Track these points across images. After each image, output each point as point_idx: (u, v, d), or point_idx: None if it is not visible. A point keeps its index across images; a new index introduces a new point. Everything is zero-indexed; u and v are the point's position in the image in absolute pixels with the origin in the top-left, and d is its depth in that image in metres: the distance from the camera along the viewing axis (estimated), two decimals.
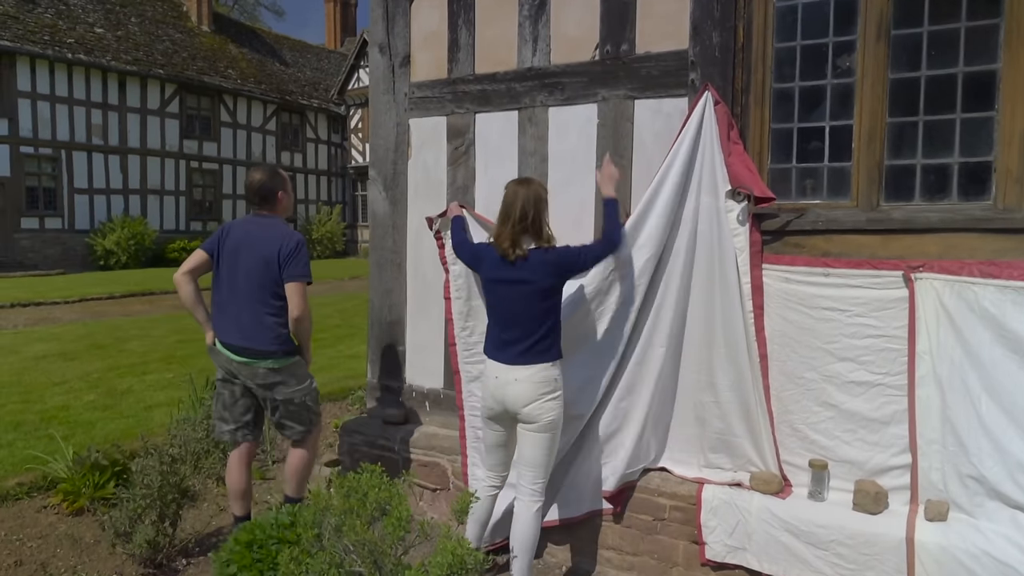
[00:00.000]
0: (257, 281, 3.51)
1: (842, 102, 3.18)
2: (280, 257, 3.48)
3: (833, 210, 3.19)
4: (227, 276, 3.57)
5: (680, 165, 3.31)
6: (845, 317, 3.11)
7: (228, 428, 3.69)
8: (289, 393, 3.62)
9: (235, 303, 3.54)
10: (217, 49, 27.34)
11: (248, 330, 3.51)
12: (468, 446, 3.89)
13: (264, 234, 3.56)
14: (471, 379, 3.84)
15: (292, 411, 3.66)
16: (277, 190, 3.67)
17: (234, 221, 3.78)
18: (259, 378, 3.56)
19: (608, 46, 3.60)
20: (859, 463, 3.15)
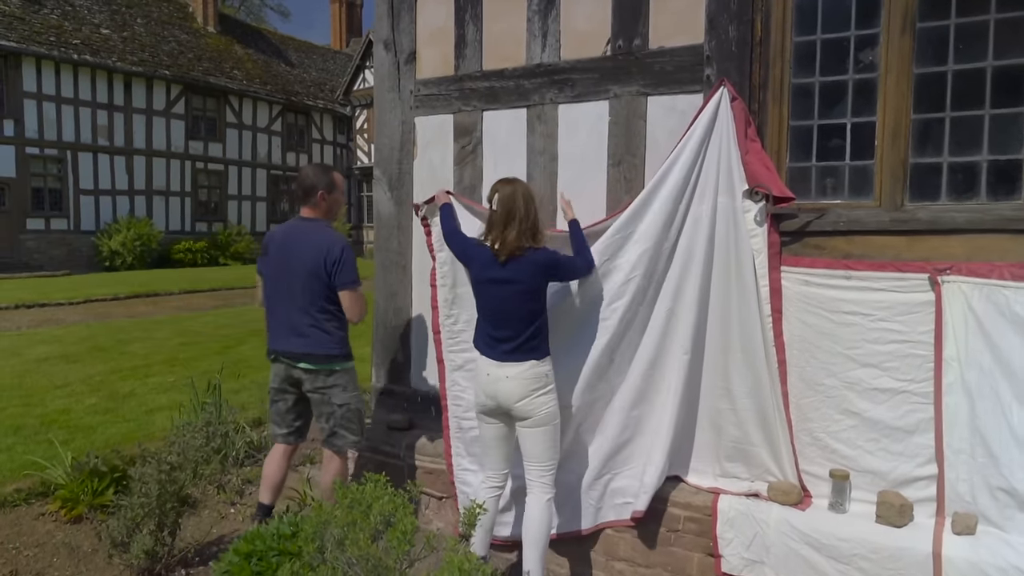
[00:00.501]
0: (308, 289, 3.50)
1: (865, 98, 3.06)
2: (327, 267, 3.46)
3: (855, 210, 3.07)
4: (278, 285, 3.59)
5: (686, 161, 3.21)
6: (868, 321, 2.99)
7: (281, 432, 3.77)
8: (347, 398, 3.60)
9: (290, 311, 3.55)
10: (223, 50, 27.30)
11: (307, 337, 3.51)
12: (451, 436, 3.82)
13: (306, 242, 3.52)
14: (455, 368, 3.77)
15: (348, 417, 3.62)
16: (318, 188, 3.58)
17: (276, 229, 3.76)
18: (319, 382, 3.55)
19: (620, 41, 3.49)
20: (882, 473, 3.02)
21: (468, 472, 3.78)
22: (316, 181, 3.59)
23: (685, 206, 3.25)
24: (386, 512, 2.56)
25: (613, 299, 3.34)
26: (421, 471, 4.09)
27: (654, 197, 3.27)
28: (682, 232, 3.26)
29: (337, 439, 3.67)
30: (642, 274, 3.29)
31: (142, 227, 22.82)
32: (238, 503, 4.43)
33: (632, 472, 3.35)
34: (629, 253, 3.31)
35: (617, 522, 3.39)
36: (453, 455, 3.81)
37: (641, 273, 3.29)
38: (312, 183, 3.58)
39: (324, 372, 3.56)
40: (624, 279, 3.31)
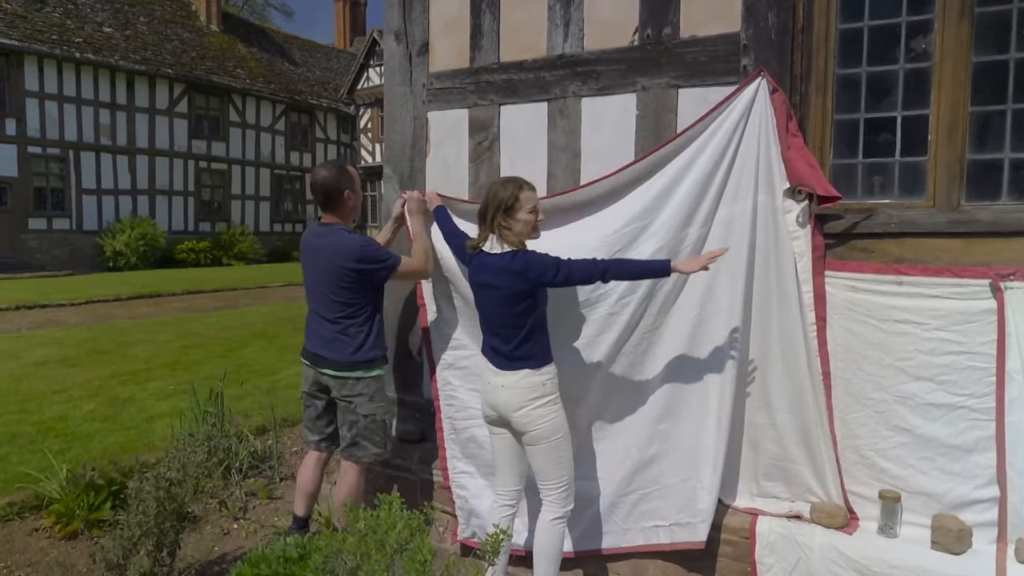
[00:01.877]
0: (330, 295, 3.38)
1: (917, 89, 2.84)
2: (365, 269, 3.31)
3: (906, 211, 2.85)
4: (309, 289, 3.53)
5: (714, 153, 2.99)
6: (922, 331, 2.77)
7: (313, 439, 3.66)
8: (372, 408, 3.44)
9: (317, 316, 3.48)
10: (226, 49, 27.14)
11: (330, 342, 3.40)
12: (446, 438, 3.66)
13: (328, 248, 3.38)
14: (445, 366, 3.62)
15: (372, 428, 3.45)
16: (343, 189, 3.40)
17: (305, 232, 3.64)
18: (345, 389, 3.41)
19: (648, 30, 3.27)
20: (937, 495, 2.80)
21: (465, 475, 3.60)
22: (339, 183, 3.39)
23: (712, 203, 3.01)
24: (402, 539, 2.34)
25: (624, 294, 3.10)
26: (436, 487, 3.86)
27: (675, 189, 3.05)
28: (710, 232, 3.03)
29: (358, 450, 3.48)
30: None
31: (145, 227, 22.65)
32: (241, 518, 4.22)
33: (664, 493, 3.11)
34: (642, 247, 3.09)
35: (647, 547, 3.16)
36: (448, 458, 3.64)
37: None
38: (335, 186, 3.39)
39: (350, 379, 3.41)
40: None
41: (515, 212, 2.85)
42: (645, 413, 3.14)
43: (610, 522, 3.20)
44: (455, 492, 3.61)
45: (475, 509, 3.51)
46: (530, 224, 2.87)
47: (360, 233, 3.53)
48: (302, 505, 3.65)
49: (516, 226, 2.85)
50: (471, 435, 3.53)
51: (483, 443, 3.46)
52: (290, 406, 6.19)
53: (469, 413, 3.54)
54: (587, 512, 3.21)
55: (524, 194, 2.87)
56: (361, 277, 3.34)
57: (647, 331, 3.12)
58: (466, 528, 3.58)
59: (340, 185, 3.40)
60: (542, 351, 2.89)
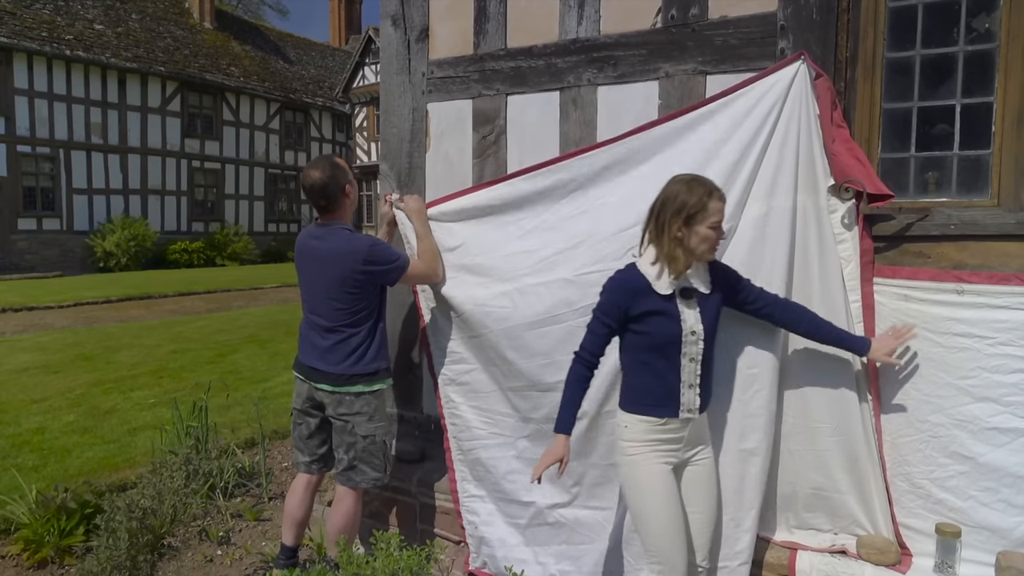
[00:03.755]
0: (330, 303, 3.08)
1: (979, 74, 2.53)
2: (375, 271, 3.04)
3: (967, 210, 2.54)
4: (305, 296, 3.23)
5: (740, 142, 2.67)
6: (986, 346, 2.46)
7: (304, 460, 3.32)
8: (371, 429, 3.11)
9: (311, 325, 3.18)
10: (219, 46, 26.77)
11: (326, 355, 3.10)
12: (454, 459, 3.36)
13: (331, 250, 3.07)
14: (446, 381, 3.33)
15: (371, 451, 3.13)
16: (342, 184, 3.12)
17: (301, 234, 3.32)
18: (343, 407, 3.10)
19: (673, 11, 2.96)
20: (1002, 531, 2.49)
21: (476, 500, 3.30)
22: (337, 180, 3.09)
23: (739, 197, 2.65)
24: None
25: None
26: (438, 511, 3.55)
27: None
28: (737, 231, 2.69)
29: (356, 474, 3.16)
30: None
31: (137, 227, 22.28)
32: (226, 544, 3.90)
33: None
34: None
35: None
36: (458, 480, 3.35)
37: None
38: (334, 184, 3.08)
39: (348, 396, 3.09)
40: None
41: (696, 223, 2.27)
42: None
43: (620, 561, 2.84)
44: (465, 518, 3.31)
45: (486, 537, 3.21)
46: (709, 241, 2.29)
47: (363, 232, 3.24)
48: (291, 534, 3.32)
49: (692, 240, 2.28)
50: (476, 457, 3.24)
51: (489, 466, 3.18)
52: (282, 417, 5.86)
53: (473, 434, 3.25)
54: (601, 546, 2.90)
55: (713, 203, 2.26)
56: (369, 280, 3.04)
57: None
58: (477, 558, 3.28)
59: (338, 181, 3.10)
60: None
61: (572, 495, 3.00)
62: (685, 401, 2.35)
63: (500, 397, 3.18)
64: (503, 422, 3.18)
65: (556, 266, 2.94)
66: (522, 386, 3.07)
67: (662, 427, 2.37)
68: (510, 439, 3.16)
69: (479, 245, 3.18)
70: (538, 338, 2.96)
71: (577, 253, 2.91)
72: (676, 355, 2.32)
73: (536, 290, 2.97)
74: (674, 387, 2.34)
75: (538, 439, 3.05)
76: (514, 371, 3.07)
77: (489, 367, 3.19)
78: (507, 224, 3.14)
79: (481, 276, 3.15)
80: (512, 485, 3.14)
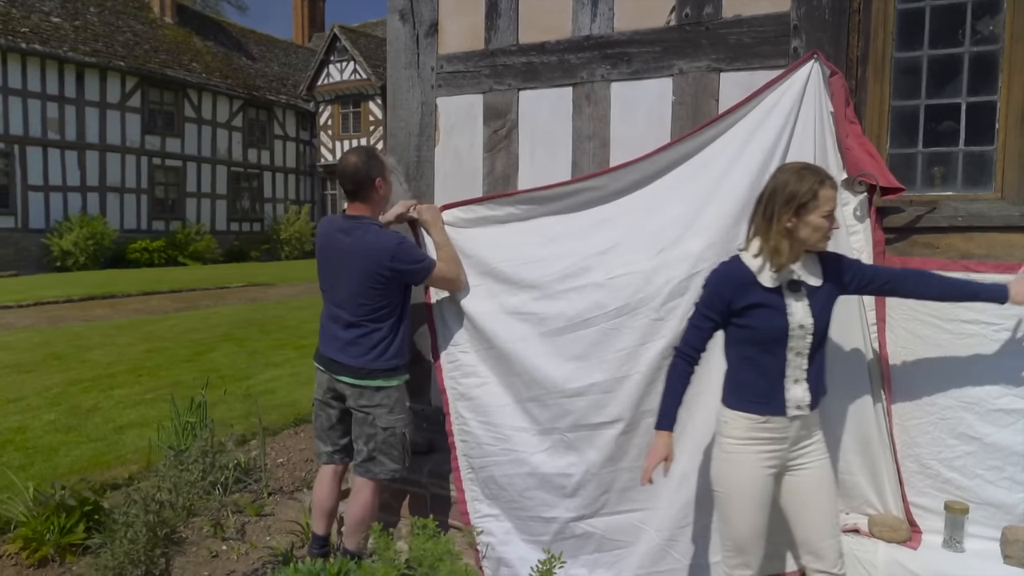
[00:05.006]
0: (354, 297, 3.10)
1: (983, 74, 2.66)
2: (401, 270, 3.06)
3: (973, 203, 2.67)
4: (327, 288, 3.25)
5: (764, 143, 2.75)
6: (992, 332, 2.59)
7: (326, 450, 3.37)
8: (392, 420, 3.14)
9: (334, 318, 3.19)
10: (181, 42, 26.25)
11: (348, 348, 3.13)
12: (463, 478, 3.31)
13: (358, 245, 3.08)
14: (456, 397, 3.29)
15: (391, 442, 3.16)
16: (374, 177, 3.13)
17: (323, 222, 3.34)
18: (363, 399, 3.13)
19: (687, 9, 3.04)
20: (1007, 506, 2.62)
21: (489, 519, 3.26)
22: (370, 170, 3.11)
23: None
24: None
25: (671, 296, 2.82)
26: (453, 500, 3.57)
27: (724, 182, 2.81)
28: None
29: (375, 465, 3.19)
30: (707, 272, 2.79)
31: (95, 225, 21.68)
32: (231, 539, 3.88)
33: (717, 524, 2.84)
34: (690, 244, 2.82)
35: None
36: (468, 500, 3.30)
37: (707, 270, 2.78)
38: (365, 173, 3.10)
39: (369, 388, 3.11)
40: (685, 274, 2.80)
41: (808, 212, 2.23)
42: (699, 431, 2.80)
43: (669, 559, 2.88)
44: (479, 539, 3.24)
45: (504, 557, 3.18)
46: (822, 231, 2.25)
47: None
48: (321, 524, 3.36)
49: (803, 230, 2.25)
50: (490, 475, 3.20)
51: (503, 483, 3.16)
52: (270, 414, 5.82)
53: (485, 451, 3.20)
54: (642, 548, 2.92)
55: (825, 191, 2.21)
56: (394, 278, 3.06)
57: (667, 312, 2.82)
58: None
59: (371, 172, 3.12)
60: None
61: (601, 503, 2.97)
62: (791, 397, 2.30)
63: (515, 411, 3.13)
64: (516, 437, 3.12)
65: (586, 271, 2.96)
66: (544, 393, 3.03)
67: (763, 425, 2.33)
68: (524, 455, 3.10)
69: (502, 251, 3.16)
70: (570, 342, 2.97)
71: (607, 258, 2.94)
72: (782, 350, 2.28)
73: (567, 295, 2.98)
74: (778, 383, 2.30)
75: (560, 449, 3.02)
76: (538, 378, 3.04)
77: (507, 378, 3.14)
78: (530, 231, 3.14)
79: (507, 283, 3.13)
80: (531, 501, 3.10)
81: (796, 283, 2.31)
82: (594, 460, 2.94)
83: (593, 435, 2.95)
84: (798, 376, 2.33)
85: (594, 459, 2.94)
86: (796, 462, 2.40)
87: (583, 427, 2.97)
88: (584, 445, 2.97)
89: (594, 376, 2.93)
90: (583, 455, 2.97)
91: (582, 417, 2.97)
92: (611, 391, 2.91)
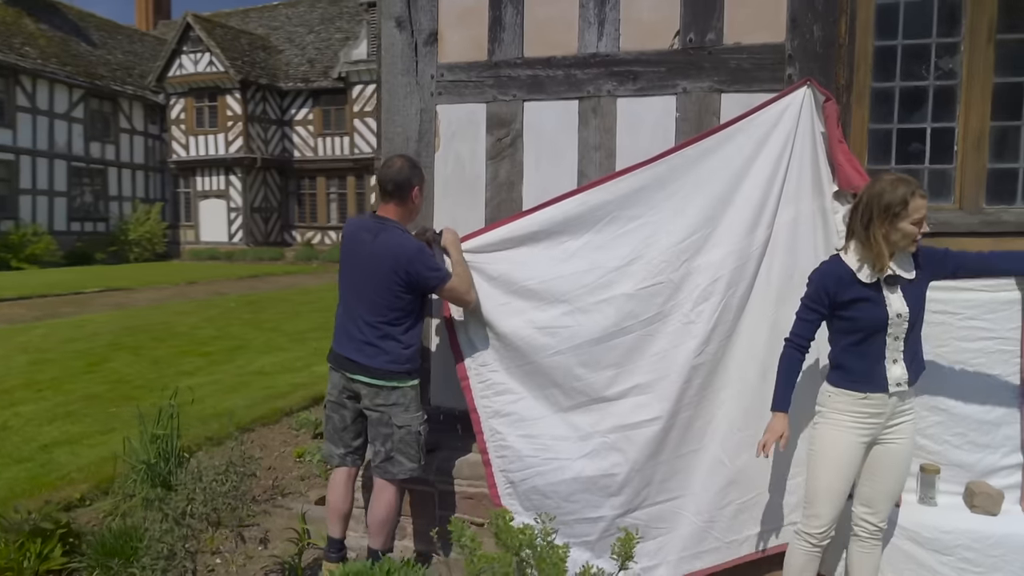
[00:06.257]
0: (376, 299, 3.16)
1: (945, 104, 3.17)
2: (412, 276, 3.12)
3: (939, 212, 3.17)
4: (346, 286, 3.29)
5: (769, 159, 3.13)
6: (956, 320, 3.09)
7: (338, 452, 3.38)
8: (408, 419, 3.21)
9: (353, 318, 3.24)
10: (10, 23, 23.81)
11: (367, 349, 3.18)
12: (501, 494, 3.40)
13: (384, 246, 3.14)
14: (490, 415, 3.40)
15: (407, 440, 3.22)
16: (415, 184, 3.21)
17: (351, 222, 3.36)
18: (380, 399, 3.17)
19: (691, 34, 3.36)
20: (968, 465, 3.14)
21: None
22: (411, 175, 3.19)
23: (774, 205, 3.14)
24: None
25: (698, 302, 3.17)
26: (460, 496, 3.69)
27: (736, 193, 3.16)
28: (773, 234, 3.17)
29: (393, 465, 3.25)
30: (728, 277, 3.16)
31: None
32: (222, 551, 3.76)
33: (762, 499, 3.18)
34: (711, 254, 3.17)
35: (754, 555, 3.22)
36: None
37: (728, 275, 3.16)
38: (407, 177, 3.18)
39: (385, 388, 3.18)
40: (709, 280, 3.15)
41: (900, 220, 2.54)
42: (730, 421, 3.13)
43: (709, 539, 3.17)
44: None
45: None
46: (911, 236, 2.56)
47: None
48: (337, 527, 3.37)
49: (895, 235, 2.56)
50: (532, 486, 3.31)
51: (548, 492, 3.28)
52: (209, 424, 5.58)
53: (526, 463, 3.31)
54: (683, 532, 3.19)
55: (916, 201, 2.52)
56: (412, 282, 3.14)
57: (724, 337, 3.14)
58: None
59: (413, 179, 3.21)
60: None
61: (643, 497, 3.20)
62: (892, 376, 2.66)
63: (555, 420, 3.28)
64: (557, 446, 3.26)
65: (614, 283, 3.19)
66: (587, 401, 3.23)
67: (863, 401, 2.67)
68: (567, 461, 3.24)
69: (525, 271, 3.29)
70: (608, 350, 3.18)
71: (633, 269, 3.18)
72: (882, 335, 2.63)
73: (599, 307, 3.18)
74: (879, 364, 2.66)
75: (603, 451, 3.21)
76: (579, 387, 3.23)
77: (544, 390, 3.29)
78: (550, 248, 3.29)
79: (535, 300, 3.27)
80: (576, 504, 3.24)
81: (893, 278, 2.66)
82: (637, 458, 3.17)
83: (635, 434, 3.18)
84: (896, 357, 2.69)
85: (637, 456, 3.17)
86: (888, 435, 2.77)
87: (625, 427, 3.19)
88: (626, 445, 3.19)
89: (635, 379, 3.19)
90: (626, 454, 3.19)
91: (623, 418, 3.20)
92: (651, 391, 3.17)
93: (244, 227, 28.02)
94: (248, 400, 6.34)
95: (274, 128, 28.95)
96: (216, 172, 28.03)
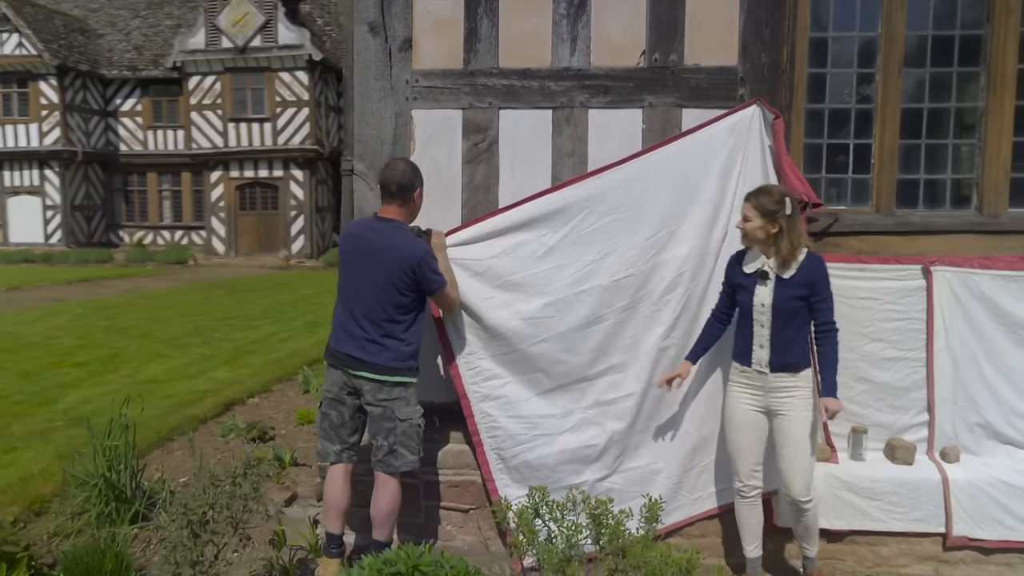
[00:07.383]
0: (381, 298, 3.26)
1: (864, 124, 3.78)
2: (417, 277, 3.24)
3: (861, 215, 3.78)
4: (348, 285, 3.32)
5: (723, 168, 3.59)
6: (877, 304, 3.71)
7: (335, 449, 3.46)
8: (409, 413, 3.33)
9: (357, 316, 3.30)
10: None
11: (370, 346, 3.25)
12: (493, 471, 3.72)
13: (390, 246, 3.26)
14: (480, 399, 3.68)
15: (409, 434, 3.34)
16: (417, 186, 3.34)
17: (350, 224, 3.46)
18: (383, 394, 3.26)
19: (656, 55, 3.75)
20: (886, 425, 3.78)
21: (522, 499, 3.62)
22: (413, 177, 3.34)
23: (729, 206, 3.59)
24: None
25: (664, 292, 3.57)
26: (445, 485, 3.86)
27: (698, 194, 3.58)
28: (728, 233, 3.63)
29: (395, 458, 3.37)
30: (692, 270, 3.59)
31: None
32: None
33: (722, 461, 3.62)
34: (676, 249, 3.58)
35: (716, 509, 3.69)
36: (499, 488, 3.70)
37: (691, 268, 3.59)
38: (410, 179, 3.32)
39: (388, 383, 3.30)
40: (675, 273, 3.57)
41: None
42: (697, 396, 3.63)
43: (679, 497, 3.63)
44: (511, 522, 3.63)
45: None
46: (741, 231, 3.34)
47: None
48: (336, 523, 3.46)
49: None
50: (523, 460, 3.62)
51: (537, 464, 3.61)
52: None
53: (517, 440, 3.62)
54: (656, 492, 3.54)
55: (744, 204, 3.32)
56: (415, 282, 3.28)
57: (689, 324, 3.58)
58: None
59: (414, 181, 3.35)
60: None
61: (619, 462, 3.62)
62: (755, 357, 3.26)
63: (540, 401, 3.62)
64: (543, 423, 3.61)
65: (591, 276, 3.55)
66: (569, 382, 3.59)
67: (743, 372, 3.33)
68: (553, 436, 3.61)
69: (508, 265, 3.58)
70: (587, 337, 3.55)
71: (608, 262, 3.55)
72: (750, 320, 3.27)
73: (579, 298, 3.53)
74: (750, 343, 3.28)
75: (583, 426, 3.61)
76: (561, 371, 3.58)
77: (529, 374, 3.61)
78: (530, 242, 3.59)
79: (519, 292, 3.57)
80: (561, 473, 3.59)
81: (765, 272, 3.24)
82: (616, 428, 3.57)
83: (612, 409, 3.58)
84: (763, 342, 3.25)
85: (616, 428, 3.57)
86: (777, 408, 3.27)
87: (603, 403, 3.60)
88: (604, 419, 3.59)
89: (610, 360, 3.58)
90: (604, 427, 3.59)
91: (601, 395, 3.59)
92: (624, 371, 3.57)
93: (64, 226, 25.58)
94: (156, 410, 6.01)
95: (97, 119, 26.64)
96: (28, 166, 25.38)
